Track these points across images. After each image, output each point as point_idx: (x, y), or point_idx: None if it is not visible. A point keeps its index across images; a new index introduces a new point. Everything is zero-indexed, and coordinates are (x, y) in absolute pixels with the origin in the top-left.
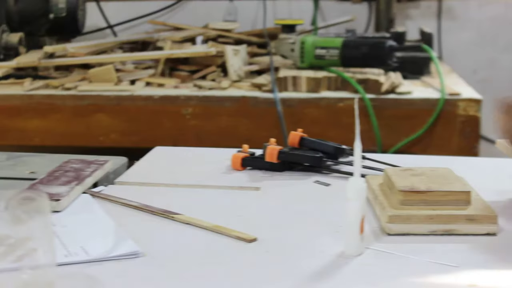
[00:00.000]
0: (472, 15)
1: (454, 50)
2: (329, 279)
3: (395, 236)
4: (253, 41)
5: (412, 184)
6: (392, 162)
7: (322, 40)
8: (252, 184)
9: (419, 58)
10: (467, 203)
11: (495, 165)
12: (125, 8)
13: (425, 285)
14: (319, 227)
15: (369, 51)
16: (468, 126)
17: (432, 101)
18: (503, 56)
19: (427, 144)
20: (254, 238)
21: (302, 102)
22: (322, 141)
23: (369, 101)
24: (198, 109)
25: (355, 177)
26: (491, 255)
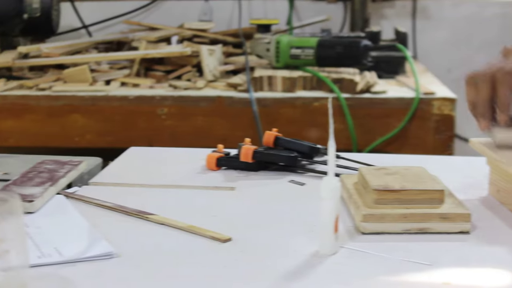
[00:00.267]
0: (447, 14)
1: (428, 50)
2: (303, 278)
3: (370, 235)
4: (228, 41)
5: (386, 183)
6: (367, 161)
7: (297, 40)
8: (227, 184)
9: (394, 58)
10: (440, 202)
11: (469, 164)
12: (100, 8)
13: (399, 284)
14: (293, 227)
15: (344, 51)
16: (443, 125)
17: (407, 100)
18: (478, 55)
19: (402, 143)
20: (228, 238)
21: (278, 102)
22: (297, 140)
23: (344, 101)
24: (173, 109)
25: (329, 177)
26: (464, 253)
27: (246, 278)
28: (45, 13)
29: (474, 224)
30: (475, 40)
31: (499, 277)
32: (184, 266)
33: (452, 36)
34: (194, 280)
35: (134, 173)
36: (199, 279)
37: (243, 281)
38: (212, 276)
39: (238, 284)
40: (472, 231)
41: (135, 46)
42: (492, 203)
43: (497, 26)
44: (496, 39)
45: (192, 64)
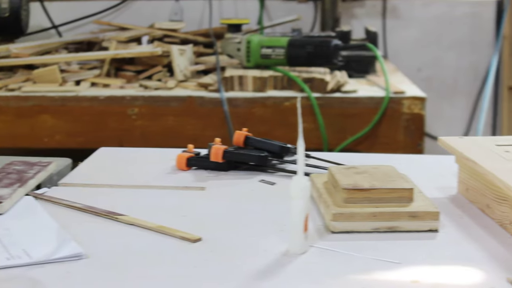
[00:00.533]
0: (417, 14)
1: (399, 49)
2: (273, 277)
3: (339, 234)
4: (199, 40)
5: (356, 182)
6: (337, 161)
7: (268, 40)
8: (197, 184)
9: (364, 57)
10: (409, 200)
11: (438, 162)
12: (70, 8)
13: (368, 282)
14: (264, 226)
15: (315, 50)
16: (413, 124)
17: (377, 99)
18: (447, 54)
19: (372, 142)
20: (198, 238)
21: (249, 102)
22: (267, 140)
23: (315, 100)
24: (144, 109)
25: (298, 176)
26: (433, 251)
27: (216, 278)
28: (14, 13)
29: (443, 223)
30: (445, 40)
31: (467, 275)
32: (154, 267)
33: (422, 36)
34: (163, 280)
35: (104, 173)
36: (169, 279)
37: (213, 281)
38: (182, 276)
39: (208, 284)
40: (441, 229)
41: (105, 46)
42: (461, 201)
43: (467, 25)
44: (466, 38)
45: (163, 64)
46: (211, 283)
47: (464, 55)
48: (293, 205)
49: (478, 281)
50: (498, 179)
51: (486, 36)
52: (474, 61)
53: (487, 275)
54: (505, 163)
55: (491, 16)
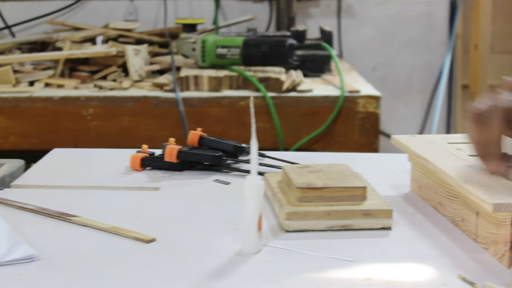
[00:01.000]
0: (371, 13)
1: (354, 48)
2: (227, 277)
3: (293, 232)
4: (154, 40)
5: (310, 181)
6: (293, 160)
7: (223, 39)
8: (152, 184)
9: (320, 56)
10: (363, 199)
11: (392, 160)
12: (23, 8)
13: (322, 280)
14: (218, 226)
15: (270, 50)
16: (368, 123)
17: (333, 98)
18: (401, 54)
19: (328, 141)
20: (152, 239)
21: (204, 101)
22: (222, 139)
23: (271, 100)
24: (99, 109)
25: (252, 175)
26: (386, 249)
27: (170, 278)
28: None
29: (396, 220)
30: (399, 39)
31: (420, 272)
32: (107, 268)
33: (377, 35)
34: (117, 281)
35: (57, 175)
36: (122, 280)
37: (167, 281)
38: (136, 276)
39: (162, 284)
40: (394, 227)
41: (59, 47)
42: (414, 199)
43: (421, 24)
44: (420, 37)
45: (118, 64)
46: (165, 283)
47: (418, 54)
48: (247, 204)
49: (430, 278)
50: (450, 177)
51: (439, 35)
52: (428, 60)
53: (439, 272)
54: (457, 160)
55: (444, 15)
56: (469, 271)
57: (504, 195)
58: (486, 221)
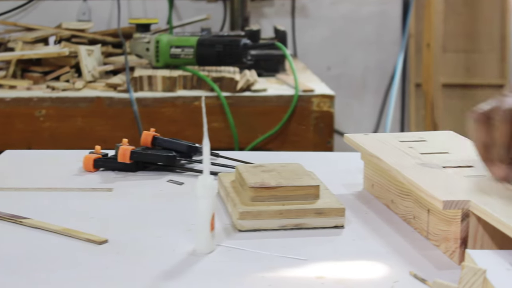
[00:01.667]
0: (325, 13)
1: (308, 48)
2: (180, 277)
3: (247, 232)
4: (107, 40)
5: (263, 180)
6: (247, 159)
7: (177, 39)
8: (105, 185)
9: (274, 56)
10: (316, 197)
11: (345, 159)
12: None
13: (274, 280)
14: (171, 226)
15: (224, 50)
16: (322, 122)
17: (287, 98)
18: (355, 53)
19: (283, 140)
20: (104, 240)
21: (158, 102)
22: (175, 140)
23: (225, 99)
24: (52, 110)
25: (204, 175)
26: (339, 247)
27: (122, 279)
28: None
29: (349, 219)
30: (353, 38)
31: (372, 269)
32: (58, 270)
33: (331, 34)
34: (68, 283)
35: (8, 177)
36: (74, 282)
37: (119, 283)
38: (87, 278)
39: (114, 286)
40: (347, 225)
41: (11, 47)
42: (367, 197)
43: (374, 24)
44: (374, 37)
45: (71, 64)
46: (117, 284)
47: (372, 53)
48: (199, 204)
49: (382, 275)
50: (401, 175)
51: (392, 34)
52: (381, 59)
53: (391, 269)
54: (408, 159)
55: (397, 14)
56: (421, 268)
57: (454, 193)
58: (437, 218)
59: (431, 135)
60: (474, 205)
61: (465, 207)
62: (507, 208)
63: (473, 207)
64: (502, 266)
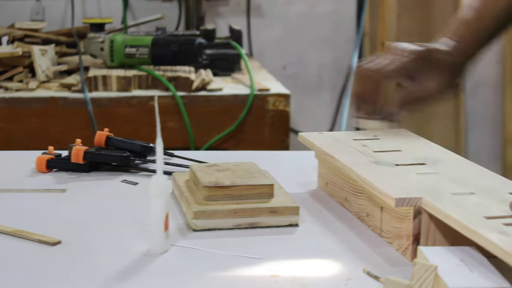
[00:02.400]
0: (280, 12)
1: (263, 47)
2: (133, 278)
3: (201, 231)
4: (61, 40)
5: (217, 179)
6: (203, 159)
7: (132, 39)
8: (58, 186)
9: (229, 55)
10: (270, 196)
11: (300, 158)
12: None
13: (229, 279)
14: (126, 227)
15: (179, 49)
16: (278, 121)
17: (242, 97)
18: (310, 52)
19: (239, 139)
20: (58, 241)
21: (113, 101)
22: (129, 140)
23: (180, 99)
24: (5, 111)
25: (157, 175)
26: (293, 246)
27: (75, 280)
28: None
29: (303, 217)
30: (308, 37)
31: (326, 267)
32: (10, 272)
33: (286, 33)
34: (20, 285)
35: None
36: (26, 284)
37: (71, 284)
38: (40, 280)
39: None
40: (301, 223)
41: None
42: (321, 196)
43: (329, 22)
44: (329, 35)
45: (24, 65)
46: (70, 286)
47: (327, 52)
48: (153, 204)
49: (335, 273)
50: (355, 173)
51: (347, 32)
52: (337, 58)
53: (344, 267)
54: (361, 157)
55: (351, 13)
56: (374, 265)
57: (406, 190)
58: (390, 215)
59: (384, 133)
60: (426, 202)
61: (417, 204)
62: (458, 205)
63: (425, 204)
64: (453, 262)
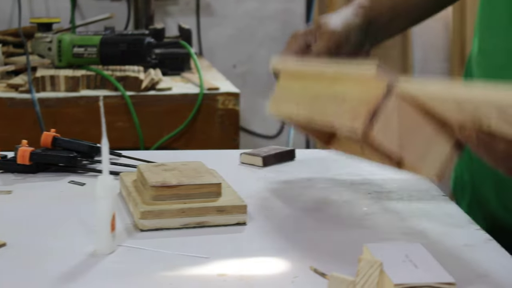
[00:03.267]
0: (230, 11)
1: (213, 46)
2: (79, 279)
3: (149, 231)
4: (8, 40)
5: (164, 179)
6: (151, 159)
7: (80, 38)
8: (4, 188)
9: (179, 54)
10: (217, 195)
11: None
12: None
13: (176, 278)
14: (73, 228)
15: (128, 49)
16: (228, 119)
17: (192, 96)
18: (260, 50)
19: (189, 138)
20: (3, 243)
21: (61, 102)
22: (76, 140)
23: (129, 99)
24: None
25: (103, 175)
26: (240, 244)
27: (21, 282)
28: None
29: (251, 216)
30: (258, 36)
31: (273, 265)
32: None
33: (236, 32)
34: None
35: None
36: None
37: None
38: None
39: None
40: (249, 222)
41: None
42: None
43: (279, 21)
44: (278, 34)
45: None
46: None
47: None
48: (99, 204)
49: (283, 271)
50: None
51: None
52: None
53: (292, 264)
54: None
55: (301, 12)
56: (321, 262)
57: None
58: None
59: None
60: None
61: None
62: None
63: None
64: (398, 258)
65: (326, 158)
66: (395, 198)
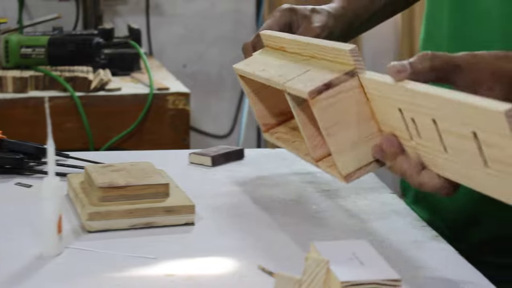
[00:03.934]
0: (180, 10)
1: (163, 46)
2: (26, 281)
3: (96, 233)
4: None
5: (112, 180)
6: (100, 159)
7: (27, 39)
8: None
9: (128, 54)
10: (165, 195)
11: None
12: None
13: (123, 279)
14: (19, 230)
15: (76, 49)
16: (178, 119)
17: (142, 96)
18: (210, 50)
19: (139, 139)
20: None
21: (9, 103)
22: (23, 141)
23: (79, 99)
24: None
25: (49, 177)
26: (188, 244)
27: None
28: None
29: (200, 215)
30: (208, 36)
31: (221, 265)
32: None
33: (186, 32)
34: None
35: None
36: None
37: None
38: None
39: None
40: (198, 222)
41: None
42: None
43: (229, 21)
44: (229, 34)
45: None
46: None
47: (228, 50)
48: (44, 206)
49: (231, 270)
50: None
51: (247, 31)
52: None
53: (240, 264)
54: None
55: (251, 12)
56: (269, 261)
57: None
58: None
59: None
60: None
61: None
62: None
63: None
64: (345, 256)
65: (275, 157)
66: (343, 196)
